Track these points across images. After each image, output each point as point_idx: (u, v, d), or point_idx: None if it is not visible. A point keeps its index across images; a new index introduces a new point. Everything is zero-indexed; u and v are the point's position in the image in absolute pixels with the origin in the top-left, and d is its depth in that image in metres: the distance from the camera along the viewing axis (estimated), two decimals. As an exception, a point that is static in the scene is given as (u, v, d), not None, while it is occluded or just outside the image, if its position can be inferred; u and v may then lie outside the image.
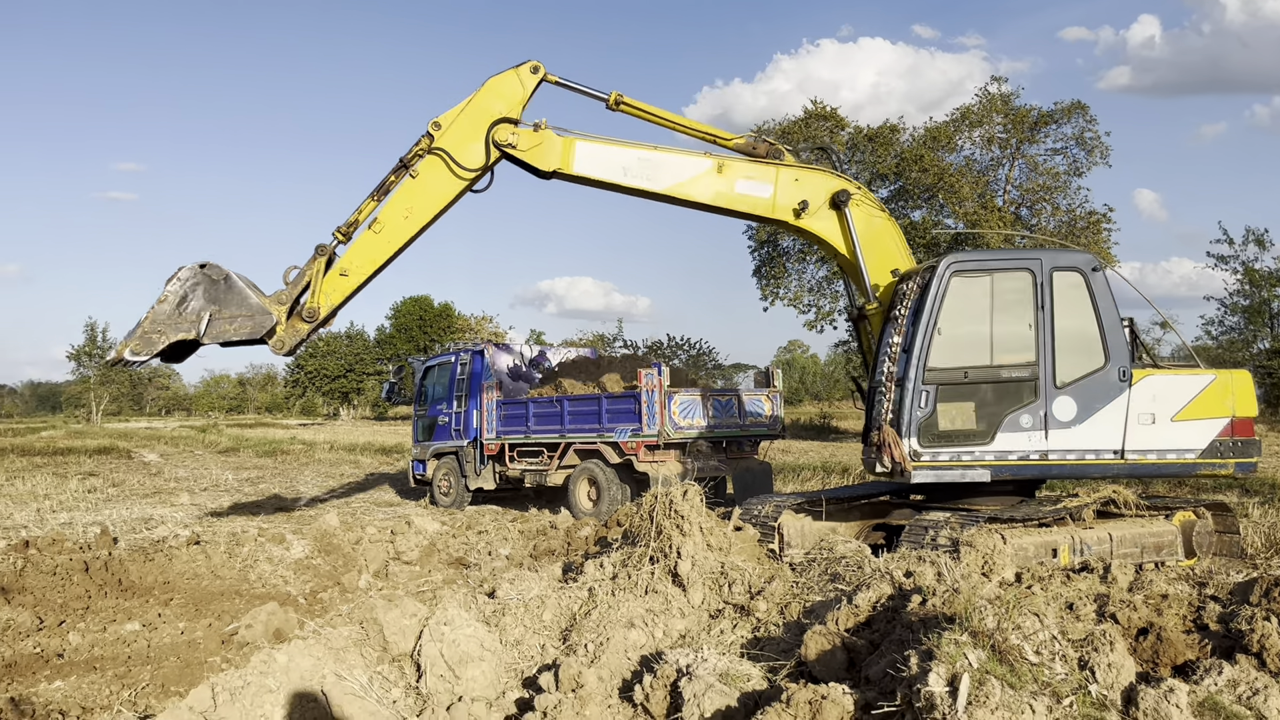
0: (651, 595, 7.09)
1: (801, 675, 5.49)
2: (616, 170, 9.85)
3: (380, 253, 9.57)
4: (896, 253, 10.32)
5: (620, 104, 10.02)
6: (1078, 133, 33.98)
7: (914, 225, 35.21)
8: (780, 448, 25.08)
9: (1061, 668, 4.41)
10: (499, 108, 9.64)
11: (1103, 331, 9.08)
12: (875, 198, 10.45)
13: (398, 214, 9.57)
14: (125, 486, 21.70)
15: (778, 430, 16.70)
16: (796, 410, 54.43)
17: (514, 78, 9.71)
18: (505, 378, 18.18)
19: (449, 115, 9.64)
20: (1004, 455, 8.92)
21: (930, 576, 6.23)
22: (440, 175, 9.58)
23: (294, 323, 9.19)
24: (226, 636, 8.19)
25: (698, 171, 9.87)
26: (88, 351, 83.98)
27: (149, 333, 8.38)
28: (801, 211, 9.96)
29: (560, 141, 9.81)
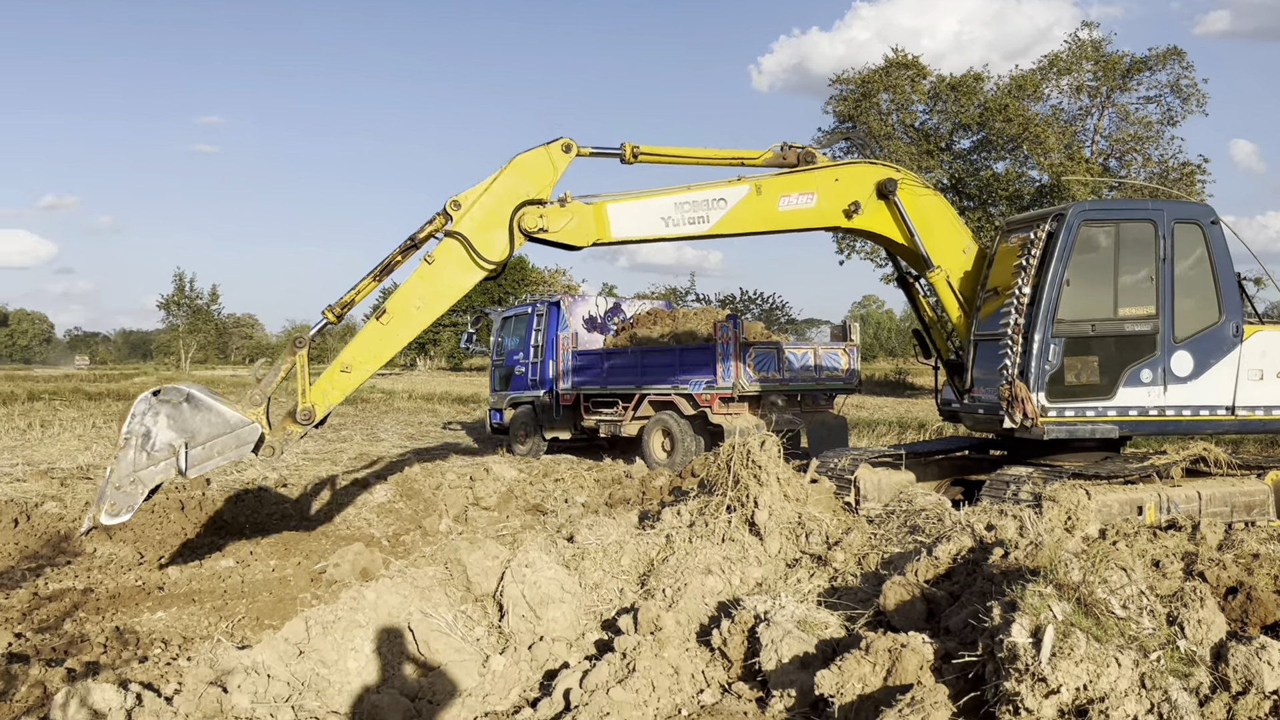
0: (728, 543, 7.14)
1: (879, 625, 5.51)
2: (656, 224, 9.05)
3: (388, 347, 8.47)
4: (953, 227, 10.01)
5: (638, 155, 9.20)
6: (1173, 80, 32.74)
7: (996, 177, 34.36)
8: (855, 403, 24.90)
9: (1149, 622, 4.36)
10: (526, 189, 8.53)
11: (1218, 286, 8.91)
12: (916, 176, 10.10)
13: (409, 304, 8.39)
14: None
15: (853, 384, 16.57)
16: (871, 366, 53.84)
17: (544, 157, 8.61)
18: (581, 329, 18.30)
19: (470, 195, 8.46)
20: (1125, 410, 8.78)
21: (1012, 530, 6.17)
22: (458, 263, 8.43)
23: (285, 424, 8.10)
24: (315, 574, 8.48)
25: (737, 200, 9.20)
26: (176, 301, 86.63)
27: (122, 487, 7.25)
28: (853, 212, 9.51)
29: (590, 210, 8.82)
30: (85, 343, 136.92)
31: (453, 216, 8.41)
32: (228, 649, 5.71)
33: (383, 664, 5.80)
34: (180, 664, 5.93)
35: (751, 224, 9.35)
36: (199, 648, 6.14)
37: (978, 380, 9.56)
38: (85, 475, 13.72)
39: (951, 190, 34.88)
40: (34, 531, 9.57)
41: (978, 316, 9.65)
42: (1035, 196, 33.19)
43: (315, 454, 17.22)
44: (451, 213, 8.41)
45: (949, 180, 34.82)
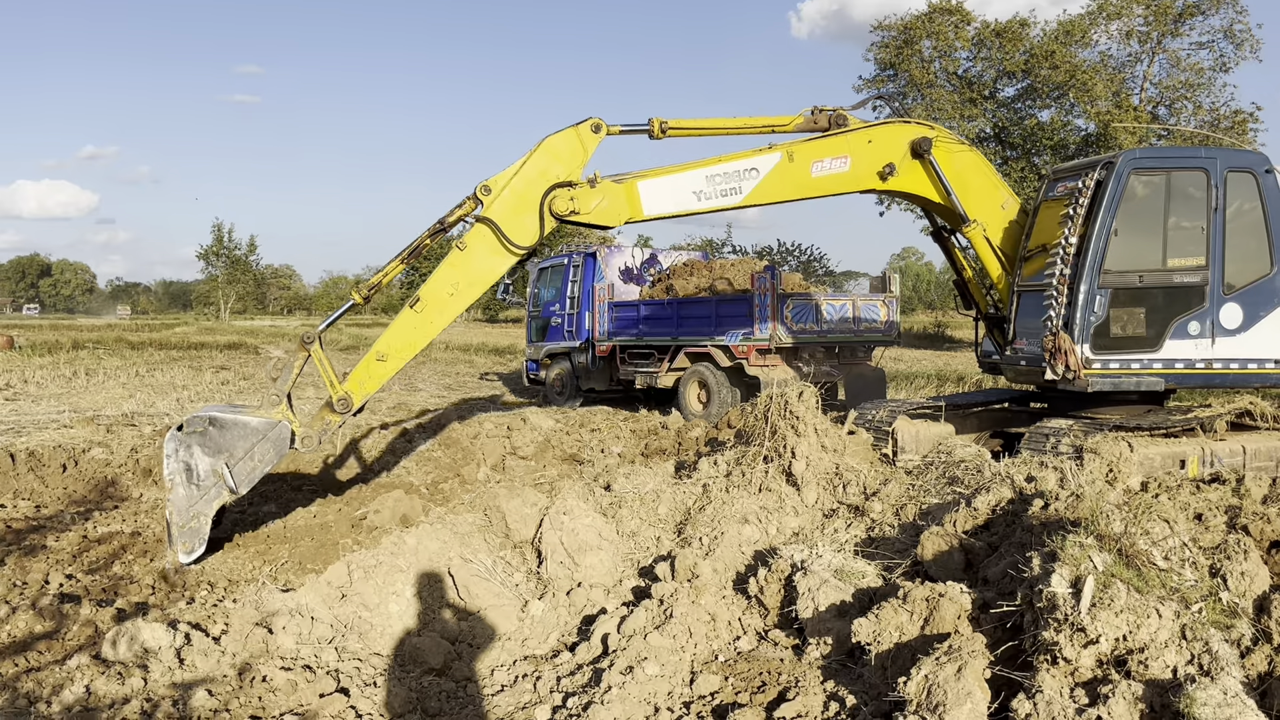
0: (765, 493, 7.16)
1: (917, 575, 5.51)
2: (689, 198, 8.93)
3: (422, 335, 8.45)
4: (991, 183, 9.81)
5: (666, 130, 9.09)
6: (1226, 25, 31.82)
7: (1041, 126, 33.69)
8: (893, 356, 24.73)
9: (1191, 574, 4.32)
10: (556, 171, 8.43)
11: (1271, 237, 8.70)
12: (950, 132, 9.88)
13: (442, 291, 8.32)
14: (255, 380, 22.75)
15: (893, 336, 16.44)
16: (910, 319, 53.40)
17: (574, 138, 8.50)
18: (617, 280, 18.27)
19: (500, 179, 8.37)
20: (1171, 363, 8.64)
21: (1053, 481, 6.12)
22: (489, 249, 8.36)
23: (324, 414, 8.07)
24: (356, 520, 8.61)
25: (770, 168, 9.03)
26: (215, 251, 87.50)
27: (185, 525, 7.37)
28: (888, 174, 9.33)
29: (621, 189, 8.70)
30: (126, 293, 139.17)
31: (483, 201, 8.34)
32: (272, 592, 5.84)
33: (423, 608, 5.91)
34: (226, 605, 6.07)
35: (785, 192, 9.22)
36: (244, 590, 6.28)
37: (1020, 332, 9.44)
38: (130, 422, 13.98)
39: (994, 140, 34.26)
40: (81, 477, 9.78)
41: (1021, 264, 9.51)
42: (1081, 146, 32.55)
43: (354, 403, 17.41)
44: (481, 197, 8.35)
45: (992, 129, 34.18)
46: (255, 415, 7.77)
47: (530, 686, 5.10)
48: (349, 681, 5.07)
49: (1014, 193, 9.97)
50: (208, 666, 5.00)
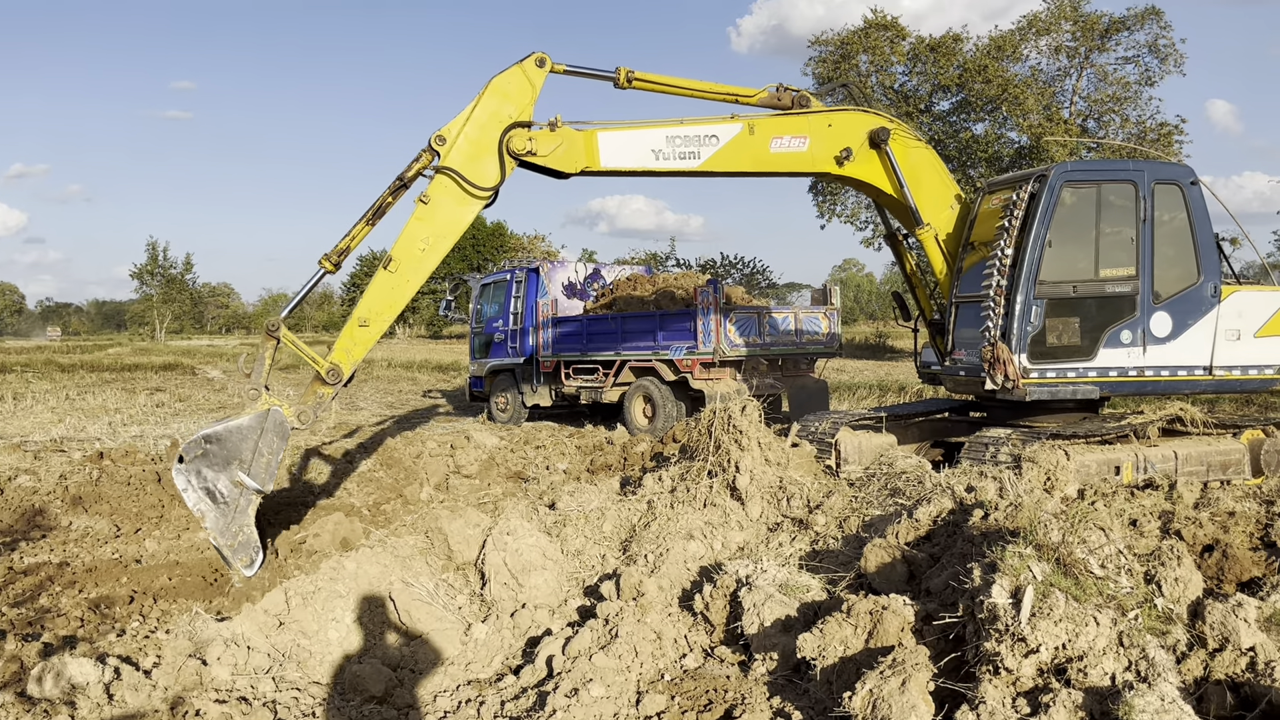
0: (710, 508, 7.15)
1: (861, 587, 5.53)
2: (647, 156, 8.98)
3: (400, 295, 8.33)
4: (943, 182, 10.02)
5: (633, 80, 9.15)
6: (1151, 40, 32.75)
7: (976, 139, 34.33)
8: (835, 366, 24.96)
9: (1127, 581, 4.39)
10: (509, 111, 8.38)
11: (1197, 246, 8.95)
12: (909, 128, 10.09)
13: (414, 248, 8.23)
14: (191, 401, 22.27)
15: (834, 348, 16.59)
16: (851, 329, 53.99)
17: (520, 75, 8.45)
18: (561, 295, 18.21)
19: (453, 126, 8.31)
20: (1105, 371, 8.83)
21: (992, 491, 6.19)
22: (453, 198, 8.28)
23: (315, 387, 7.98)
24: (295, 544, 8.43)
25: (730, 138, 9.15)
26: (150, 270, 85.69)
27: (233, 543, 7.32)
28: (844, 159, 9.49)
29: (581, 137, 8.71)
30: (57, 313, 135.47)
31: (439, 152, 8.27)
32: (207, 621, 5.68)
33: (364, 634, 5.79)
34: (159, 637, 5.89)
35: (742, 163, 9.33)
36: (177, 620, 6.10)
37: (959, 342, 9.58)
38: (59, 448, 13.58)
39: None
40: (7, 506, 9.46)
41: (959, 275, 9.65)
42: (1014, 158, 33.22)
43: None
44: (437, 148, 8.27)
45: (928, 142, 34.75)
46: (244, 415, 7.64)
47: (474, 712, 5.01)
48: (286, 713, 4.94)
49: (963, 193, 10.16)
50: (138, 702, 4.83)
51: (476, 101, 8.37)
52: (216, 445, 7.47)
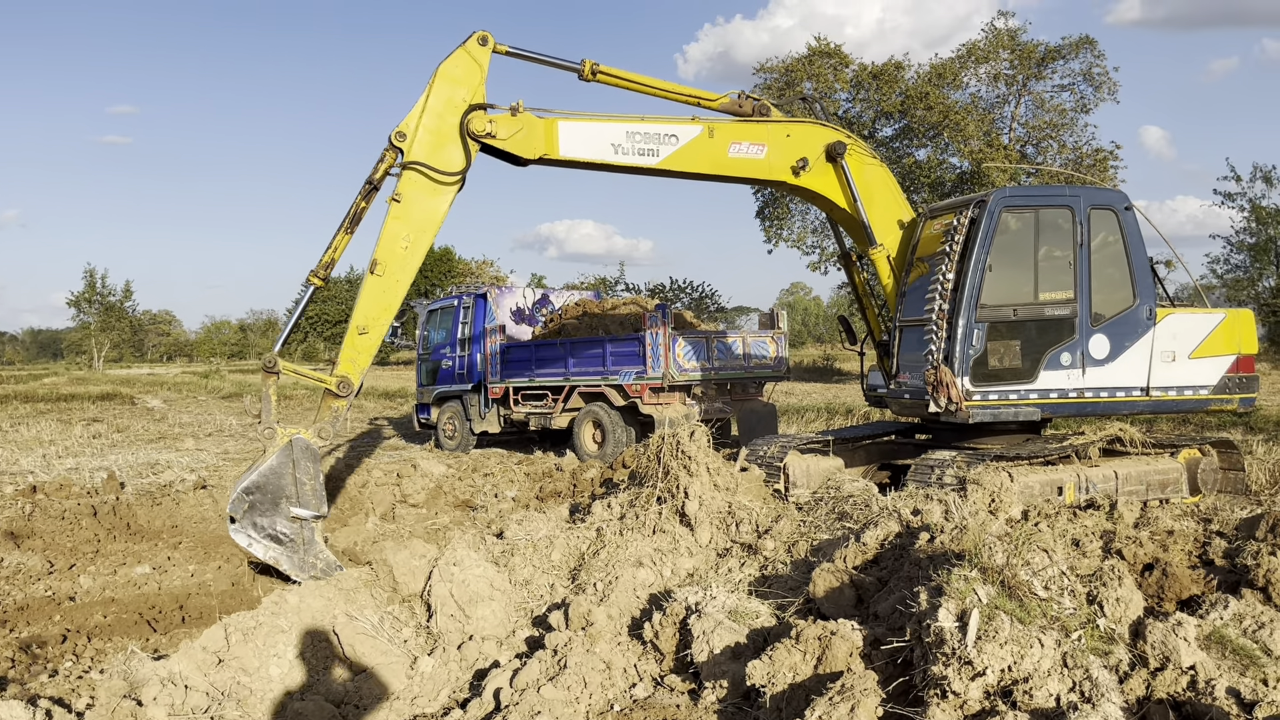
0: (659, 535, 7.12)
1: (810, 612, 5.53)
2: (606, 149, 9.05)
3: (393, 297, 8.38)
4: (895, 200, 10.20)
5: (597, 73, 9.20)
6: (1085, 68, 33.60)
7: (918, 164, 34.90)
8: (784, 390, 25.12)
9: (1070, 602, 4.43)
10: (461, 95, 8.41)
11: (1132, 270, 9.17)
12: (866, 145, 10.27)
13: (396, 247, 8.28)
14: (130, 432, 21.77)
15: (782, 372, 16.70)
16: (800, 352, 54.43)
17: (464, 56, 8.47)
18: (509, 321, 18.13)
19: (410, 120, 8.35)
20: (1046, 393, 8.98)
21: (938, 514, 6.24)
22: (425, 191, 8.33)
23: (327, 403, 8.13)
24: (237, 578, 8.24)
25: (689, 139, 9.27)
26: (87, 298, 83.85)
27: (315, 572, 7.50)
28: (800, 169, 9.64)
29: (541, 124, 8.77)
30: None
31: (402, 148, 8.34)
32: (143, 660, 5.52)
33: (307, 670, 5.66)
34: (93, 677, 5.70)
35: (700, 165, 9.43)
36: (112, 660, 5.92)
37: (903, 365, 9.68)
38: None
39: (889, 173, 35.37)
40: (-64, 543, 9.15)
41: (902, 299, 9.77)
42: (956, 183, 33.82)
43: (236, 454, 16.80)
44: (399, 144, 8.33)
45: (881, 162, 35.27)
46: (270, 455, 7.80)
47: (420, 748, 4.91)
48: (226, 753, 4.80)
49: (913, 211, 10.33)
50: (70, 746, 4.67)
51: (428, 91, 8.43)
52: (258, 493, 7.66)
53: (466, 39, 8.53)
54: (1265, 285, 37.13)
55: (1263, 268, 37.58)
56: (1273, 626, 4.67)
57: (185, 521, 10.25)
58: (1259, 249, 37.27)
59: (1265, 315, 35.33)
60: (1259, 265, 37.66)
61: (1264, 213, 36.63)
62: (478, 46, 8.52)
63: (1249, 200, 37.18)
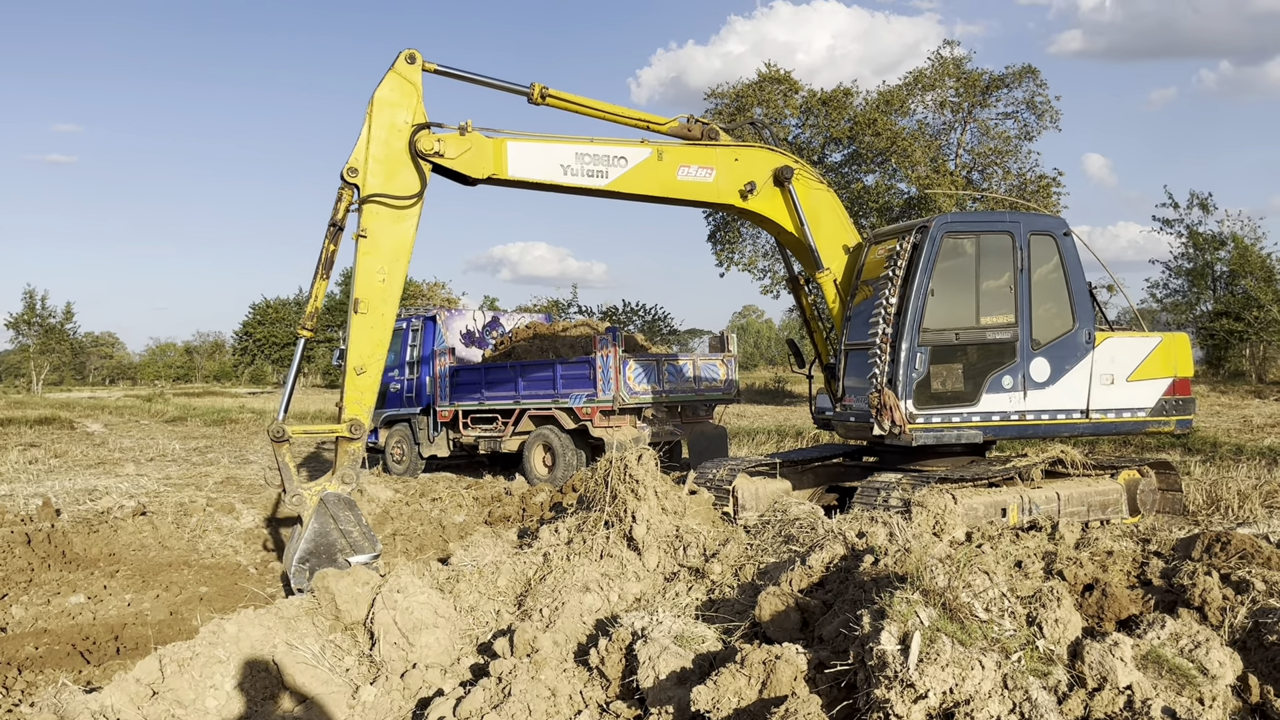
0: (607, 559, 7.09)
1: (756, 636, 5.52)
2: (555, 170, 9.04)
3: (382, 331, 8.44)
4: (841, 225, 10.33)
5: (546, 97, 9.25)
6: (1028, 97, 34.28)
7: (867, 190, 35.36)
8: (735, 412, 25.22)
9: (1010, 624, 4.48)
10: (402, 117, 8.39)
11: (1072, 295, 9.34)
12: (813, 170, 10.41)
13: (374, 282, 8.29)
14: (68, 457, 21.26)
15: (732, 394, 16.76)
16: (751, 375, 54.69)
17: (396, 79, 8.42)
18: (458, 344, 18.02)
19: (358, 153, 8.28)
20: (988, 416, 9.09)
21: (882, 537, 6.28)
22: (388, 220, 8.31)
23: (344, 449, 8.26)
24: (175, 607, 8.07)
25: (638, 161, 9.30)
26: (26, 319, 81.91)
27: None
28: (748, 193, 9.74)
29: (490, 144, 8.76)
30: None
31: (357, 184, 8.30)
32: (74, 693, 5.36)
33: (246, 701, 5.54)
34: (22, 710, 5.54)
35: (649, 187, 9.47)
36: (43, 693, 5.74)
37: (849, 389, 9.77)
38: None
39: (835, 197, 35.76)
40: None
41: (848, 322, 9.88)
42: (904, 208, 34.30)
43: (179, 479, 16.48)
44: (352, 180, 8.29)
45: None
46: (308, 520, 7.99)
47: (360, 779, 4.82)
48: (159, 789, 4.68)
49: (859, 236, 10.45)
50: (-6, 784, 4.52)
51: (368, 121, 8.39)
52: (313, 558, 7.86)
53: (394, 60, 8.48)
54: (1203, 309, 38.06)
55: (1200, 292, 38.53)
56: (1208, 646, 4.75)
57: (123, 549, 10.01)
58: (1196, 274, 38.21)
59: (1203, 338, 36.19)
60: (1196, 290, 38.61)
61: (1200, 239, 37.60)
62: (406, 65, 8.49)
63: (1186, 226, 38.16)
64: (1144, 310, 39.83)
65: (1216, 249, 37.13)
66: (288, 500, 8.10)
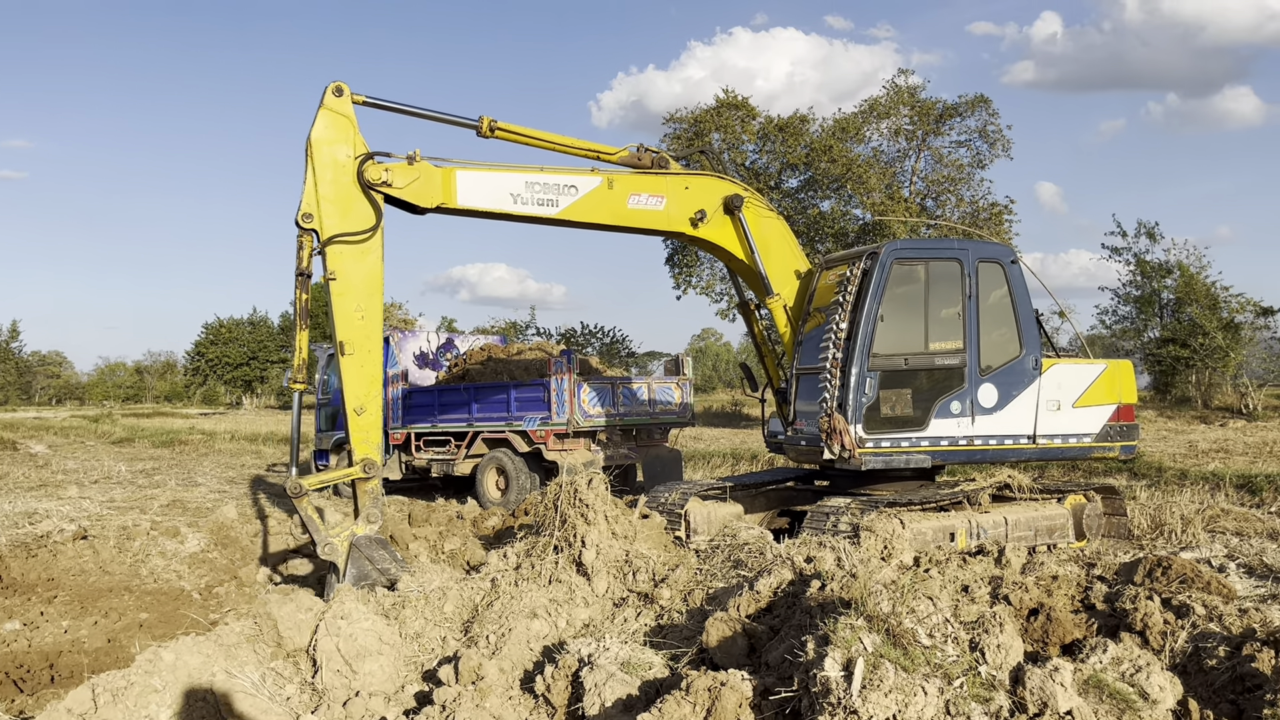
0: (555, 585, 7.03)
1: (703, 662, 5.50)
2: (505, 198, 9.02)
3: (372, 366, 8.52)
4: (791, 252, 10.42)
5: (495, 130, 9.25)
6: (980, 126, 34.90)
7: (823, 215, 35.72)
8: (691, 435, 25.24)
9: (953, 650, 4.50)
10: (344, 152, 8.32)
11: (1019, 321, 9.47)
12: (763, 199, 10.50)
13: (353, 320, 8.32)
14: (9, 479, 20.74)
15: (687, 418, 16.77)
16: (709, 398, 54.81)
17: (327, 115, 8.32)
18: (411, 366, 17.88)
19: (308, 198, 8.23)
20: (937, 441, 9.16)
21: (830, 562, 6.30)
22: (353, 258, 8.30)
23: (362, 489, 8.44)
24: (113, 634, 7.88)
25: (589, 190, 9.31)
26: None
27: None
28: (699, 221, 9.80)
29: (439, 173, 8.73)
30: None
31: (315, 229, 8.28)
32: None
33: (182, 731, 5.41)
34: (-53, 744, 5.37)
35: (600, 215, 9.48)
36: (-30, 724, 5.58)
37: (800, 413, 9.82)
38: None
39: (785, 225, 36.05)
40: None
41: (799, 347, 9.94)
42: (859, 234, 34.67)
43: (123, 502, 16.14)
44: (309, 226, 8.27)
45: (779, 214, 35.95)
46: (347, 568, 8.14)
47: (298, 812, 4.72)
48: (87, 823, 4.54)
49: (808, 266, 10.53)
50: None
51: (310, 164, 8.32)
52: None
53: (322, 96, 8.38)
54: (1150, 336, 38.76)
55: (1148, 319, 39.24)
56: (1149, 670, 4.80)
57: (62, 574, 9.77)
58: (1144, 301, 38.92)
59: (1150, 365, 36.85)
60: (1144, 317, 39.31)
61: (1148, 267, 38.33)
62: (335, 99, 8.41)
63: (1134, 255, 38.91)
64: (1095, 336, 40.52)
65: (1163, 277, 37.88)
66: (320, 551, 8.17)
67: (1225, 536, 10.51)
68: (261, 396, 74.46)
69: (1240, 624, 5.43)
